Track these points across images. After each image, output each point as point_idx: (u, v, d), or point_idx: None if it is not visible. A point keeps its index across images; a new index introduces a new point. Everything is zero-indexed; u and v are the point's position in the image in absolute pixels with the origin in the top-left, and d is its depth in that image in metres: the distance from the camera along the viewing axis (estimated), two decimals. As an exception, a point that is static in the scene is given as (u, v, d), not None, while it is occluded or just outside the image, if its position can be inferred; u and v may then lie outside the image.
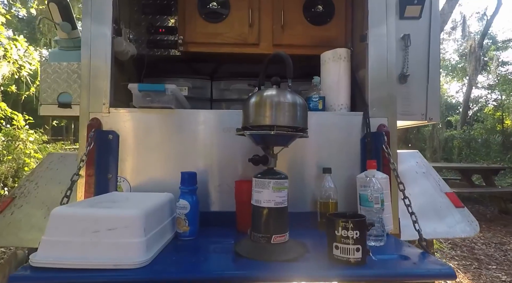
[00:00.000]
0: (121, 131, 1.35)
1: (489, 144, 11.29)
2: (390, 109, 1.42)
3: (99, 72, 1.35)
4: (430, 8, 1.71)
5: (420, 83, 1.70)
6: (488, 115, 12.90)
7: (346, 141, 1.40)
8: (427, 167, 1.92)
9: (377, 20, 1.44)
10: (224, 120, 1.37)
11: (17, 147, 4.34)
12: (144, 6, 1.87)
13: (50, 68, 1.36)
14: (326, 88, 1.55)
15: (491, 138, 11.42)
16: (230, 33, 1.80)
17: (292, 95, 0.99)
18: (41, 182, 1.68)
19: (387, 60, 1.44)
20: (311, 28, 1.83)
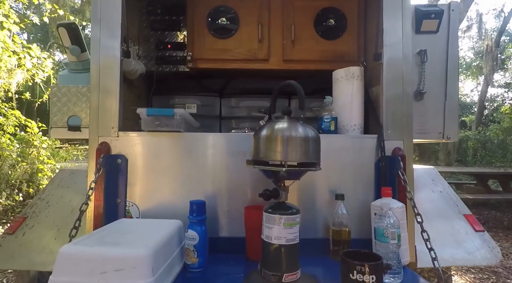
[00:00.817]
0: (129, 155, 1.34)
1: (505, 145, 10.92)
2: (406, 131, 1.36)
3: (108, 96, 1.34)
4: (448, 21, 1.64)
5: (437, 100, 1.64)
6: (505, 115, 12.46)
7: (360, 165, 1.35)
8: (444, 185, 1.85)
9: (393, 38, 1.38)
10: (233, 143, 1.34)
11: (31, 154, 4.43)
12: (153, 22, 1.86)
13: (60, 91, 1.36)
14: (338, 107, 1.50)
15: (508, 139, 11.04)
16: (240, 49, 1.77)
17: (304, 128, 0.95)
18: (52, 201, 1.69)
19: (403, 80, 1.38)
20: (322, 42, 1.78)
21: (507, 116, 12.33)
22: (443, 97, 1.63)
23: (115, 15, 1.34)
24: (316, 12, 1.77)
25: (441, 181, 1.87)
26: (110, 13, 1.34)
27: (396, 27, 1.39)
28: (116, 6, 1.34)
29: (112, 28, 1.35)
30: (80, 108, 1.38)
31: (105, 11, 1.34)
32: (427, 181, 1.85)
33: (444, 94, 1.63)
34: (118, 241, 0.96)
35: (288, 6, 1.78)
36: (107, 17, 1.34)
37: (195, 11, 1.78)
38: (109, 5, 1.34)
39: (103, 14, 1.35)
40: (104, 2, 1.35)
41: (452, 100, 1.63)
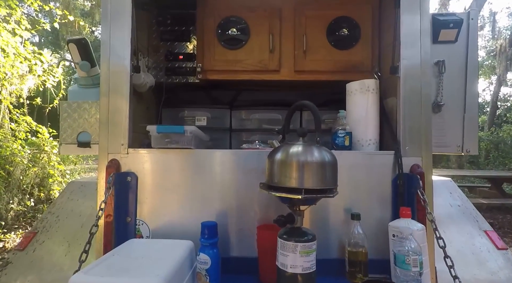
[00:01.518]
0: (139, 173, 1.31)
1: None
2: (425, 147, 1.30)
3: (118, 113, 1.32)
4: (467, 30, 1.57)
5: (456, 112, 1.57)
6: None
7: (376, 183, 1.30)
8: (462, 199, 1.78)
9: (411, 50, 1.33)
10: (244, 160, 1.31)
11: (42, 159, 4.47)
12: (163, 33, 1.84)
13: (70, 107, 1.35)
14: (353, 121, 1.45)
15: None
16: (250, 59, 1.74)
17: (320, 152, 0.90)
18: (62, 215, 1.68)
19: (421, 94, 1.32)
20: (335, 52, 1.73)
21: (522, 117, 11.98)
22: (462, 109, 1.57)
23: (125, 31, 1.32)
24: (328, 22, 1.73)
25: (459, 194, 1.81)
26: (120, 30, 1.32)
27: (414, 39, 1.33)
28: (126, 23, 1.32)
29: (122, 44, 1.33)
30: (90, 124, 1.36)
31: (115, 27, 1.32)
32: (444, 194, 1.79)
33: (463, 106, 1.57)
34: (128, 268, 0.93)
35: (300, 16, 1.73)
36: (117, 34, 1.33)
37: (205, 22, 1.75)
38: (119, 22, 1.32)
39: (113, 31, 1.33)
40: (114, 19, 1.33)
41: (472, 112, 1.56)
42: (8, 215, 4.22)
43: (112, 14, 1.34)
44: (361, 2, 1.73)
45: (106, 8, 1.33)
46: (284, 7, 1.75)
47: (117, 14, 1.34)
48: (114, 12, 1.34)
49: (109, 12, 1.33)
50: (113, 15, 1.34)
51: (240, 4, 1.75)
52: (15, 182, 4.31)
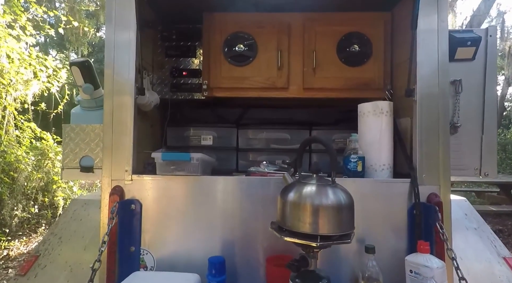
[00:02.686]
0: (144, 200, 1.27)
1: None
2: (443, 175, 1.24)
3: (122, 138, 1.27)
4: (485, 48, 1.50)
5: (474, 134, 1.50)
6: None
7: (391, 212, 1.24)
8: (479, 221, 1.71)
9: (427, 74, 1.27)
10: (252, 187, 1.26)
11: (46, 165, 4.46)
12: (168, 48, 1.79)
13: (73, 131, 1.31)
14: (366, 144, 1.39)
15: None
16: (258, 77, 1.68)
17: (335, 193, 0.85)
18: (65, 236, 1.65)
19: (439, 118, 1.26)
20: (345, 69, 1.67)
21: (530, 118, 11.76)
22: (480, 131, 1.50)
23: (130, 54, 1.28)
24: (339, 38, 1.66)
25: (475, 216, 1.74)
26: (124, 52, 1.28)
27: (432, 61, 1.27)
28: (130, 46, 1.28)
29: (126, 67, 1.29)
30: (93, 148, 1.32)
31: (119, 49, 1.28)
32: (459, 216, 1.72)
33: (481, 127, 1.50)
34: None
35: (309, 32, 1.67)
36: (121, 56, 1.28)
37: (211, 38, 1.70)
38: (123, 44, 1.28)
39: (116, 53, 1.29)
40: (118, 40, 1.29)
41: (490, 134, 1.49)
42: (13, 222, 4.22)
43: (116, 36, 1.29)
44: (372, 18, 1.67)
45: (110, 30, 1.29)
46: (292, 23, 1.69)
47: (121, 35, 1.29)
48: (118, 33, 1.29)
49: (113, 34, 1.29)
50: (117, 36, 1.29)
51: (248, 20, 1.69)
52: (19, 188, 4.30)
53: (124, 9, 1.29)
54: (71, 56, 14.36)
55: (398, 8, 1.64)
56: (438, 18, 1.29)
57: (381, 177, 1.34)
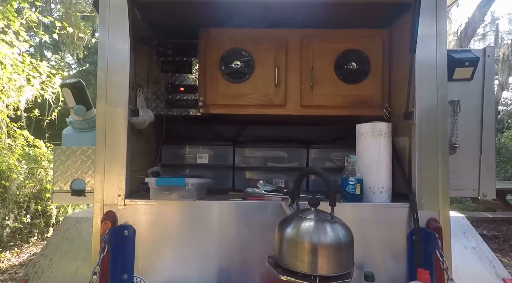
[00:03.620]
0: (137, 225, 1.23)
1: None
2: (443, 200, 1.22)
3: (114, 161, 1.24)
4: (483, 68, 1.50)
5: (472, 154, 1.49)
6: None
7: (390, 238, 1.22)
8: (477, 240, 1.69)
9: (426, 97, 1.25)
10: (249, 211, 1.23)
11: (39, 174, 4.39)
12: (163, 64, 1.76)
13: (64, 154, 1.27)
14: (364, 166, 1.37)
15: None
16: (255, 94, 1.66)
17: (334, 230, 0.83)
18: (56, 258, 1.60)
19: (438, 143, 1.25)
20: (343, 87, 1.65)
21: (522, 121, 11.85)
22: (478, 151, 1.49)
23: (123, 75, 1.25)
24: (336, 55, 1.65)
25: (474, 234, 1.72)
26: (118, 73, 1.25)
27: (430, 83, 1.26)
28: (124, 66, 1.24)
29: (120, 88, 1.25)
30: (85, 170, 1.28)
31: (112, 70, 1.25)
32: (457, 235, 1.70)
33: (479, 147, 1.49)
34: None
35: (306, 49, 1.65)
36: (115, 78, 1.25)
37: (208, 54, 1.67)
38: (117, 65, 1.25)
39: (110, 73, 1.25)
40: (112, 61, 1.25)
41: (488, 154, 1.48)
42: (4, 232, 4.13)
43: (109, 57, 1.26)
44: (370, 35, 1.66)
45: (103, 51, 1.25)
46: (290, 39, 1.67)
47: (114, 56, 1.26)
48: (111, 54, 1.26)
49: (107, 54, 1.26)
50: (111, 57, 1.26)
51: (245, 36, 1.67)
52: (11, 197, 4.22)
53: (117, 29, 1.26)
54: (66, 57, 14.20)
55: (396, 26, 1.63)
56: (437, 40, 1.28)
57: (380, 199, 1.32)
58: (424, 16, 1.24)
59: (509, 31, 14.42)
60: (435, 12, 1.29)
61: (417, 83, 1.26)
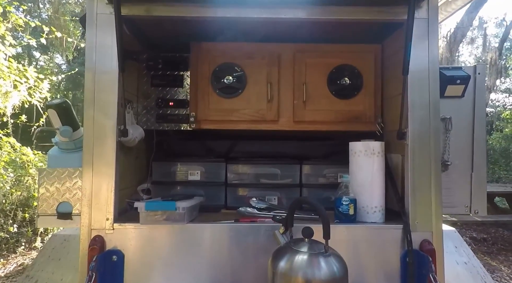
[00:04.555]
0: (126, 250, 1.20)
1: (508, 154, 10.75)
2: (436, 221, 1.22)
3: (103, 184, 1.20)
4: (474, 85, 1.51)
5: (463, 171, 1.50)
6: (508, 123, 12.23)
7: (383, 259, 1.21)
8: (468, 254, 1.71)
9: (419, 117, 1.25)
10: (241, 235, 1.20)
11: (26, 182, 4.28)
12: (153, 78, 1.72)
13: (49, 176, 1.23)
14: (357, 185, 1.36)
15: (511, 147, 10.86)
16: (247, 109, 1.63)
17: (328, 264, 0.81)
18: (41, 280, 1.55)
19: (431, 163, 1.25)
20: (336, 102, 1.64)
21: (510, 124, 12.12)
22: (470, 168, 1.50)
23: (111, 94, 1.21)
24: (329, 70, 1.64)
25: (465, 249, 1.74)
26: (106, 92, 1.21)
27: (423, 102, 1.26)
28: (112, 86, 1.21)
29: (108, 107, 1.22)
30: (72, 193, 1.24)
31: (100, 90, 1.21)
32: (449, 249, 1.71)
33: (471, 164, 1.49)
34: None
35: (299, 64, 1.64)
36: (103, 97, 1.21)
37: (199, 69, 1.65)
38: (106, 84, 1.21)
39: (97, 92, 1.22)
40: (99, 79, 1.22)
41: (480, 171, 1.49)
42: (-11, 242, 4.01)
43: (97, 77, 1.22)
44: (363, 50, 1.66)
45: (90, 70, 1.22)
46: (283, 54, 1.65)
47: (102, 76, 1.23)
48: (99, 74, 1.23)
49: (94, 75, 1.22)
50: (98, 77, 1.22)
51: (237, 50, 1.65)
52: (-3, 205, 4.10)
53: (105, 48, 1.22)
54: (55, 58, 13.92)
55: (388, 41, 1.63)
56: (429, 58, 1.28)
57: (373, 219, 1.32)
58: (416, 35, 1.24)
59: (496, 34, 14.75)
60: (427, 31, 1.29)
61: (410, 104, 1.26)
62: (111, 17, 1.19)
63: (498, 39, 13.08)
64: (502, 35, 12.35)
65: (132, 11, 1.22)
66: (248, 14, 1.25)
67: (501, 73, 9.86)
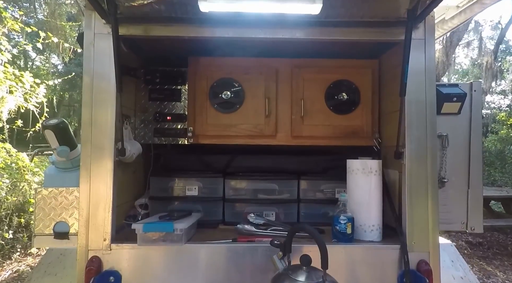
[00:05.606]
0: (123, 271, 1.19)
1: (504, 156, 10.81)
2: (433, 241, 1.23)
3: (100, 204, 1.20)
4: (470, 102, 1.52)
5: (460, 188, 1.51)
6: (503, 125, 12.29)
7: (380, 280, 1.22)
8: (465, 269, 1.72)
9: (416, 137, 1.26)
10: (240, 256, 1.20)
11: (22, 188, 4.24)
12: (151, 92, 1.71)
13: (46, 195, 1.22)
14: (355, 203, 1.36)
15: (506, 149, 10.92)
16: (245, 124, 1.64)
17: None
18: (38, 297, 1.53)
19: (428, 184, 1.25)
20: (334, 117, 1.65)
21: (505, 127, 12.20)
22: (466, 184, 1.51)
23: (109, 115, 1.21)
24: (327, 85, 1.65)
25: (461, 263, 1.75)
26: (103, 113, 1.21)
27: (420, 122, 1.27)
28: (109, 106, 1.21)
29: (105, 128, 1.21)
30: (69, 212, 1.23)
31: (97, 108, 1.21)
32: (446, 263, 1.72)
33: (467, 181, 1.50)
34: None
35: (297, 79, 1.65)
36: (100, 117, 1.21)
37: (197, 84, 1.64)
38: (103, 104, 1.21)
39: (95, 113, 1.21)
40: (97, 98, 1.21)
41: (476, 188, 1.50)
42: (-16, 249, 3.97)
43: (95, 96, 1.22)
44: (360, 65, 1.66)
45: (88, 89, 1.21)
46: (280, 69, 1.66)
47: (100, 95, 1.22)
48: (96, 93, 1.22)
49: (92, 94, 1.21)
50: (96, 96, 1.22)
51: (234, 65, 1.65)
52: (-8, 212, 4.06)
53: (103, 68, 1.22)
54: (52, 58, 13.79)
55: (386, 56, 1.64)
56: (426, 79, 1.29)
57: (371, 237, 1.32)
58: (413, 55, 1.24)
59: (491, 36, 14.88)
60: (424, 51, 1.30)
61: (407, 124, 1.27)
62: (109, 37, 1.19)
63: (493, 41, 13.20)
64: (498, 37, 12.45)
65: (130, 31, 1.22)
66: (246, 34, 1.25)
67: (496, 76, 9.93)
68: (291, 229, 0.96)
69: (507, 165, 10.34)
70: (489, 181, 9.82)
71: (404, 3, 1.13)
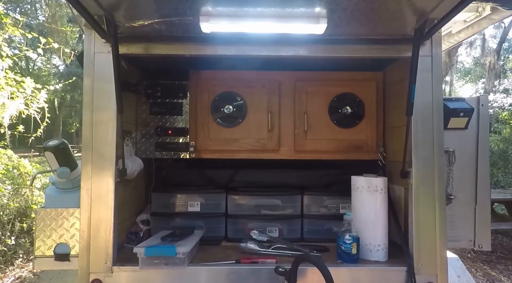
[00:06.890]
0: (125, 294, 1.17)
1: (507, 156, 10.71)
2: (441, 264, 1.20)
3: (101, 227, 1.18)
4: (477, 116, 1.49)
5: (467, 204, 1.48)
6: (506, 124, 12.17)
7: (387, 302, 1.19)
8: None
9: (423, 156, 1.23)
10: (243, 277, 1.18)
11: (24, 194, 4.24)
12: (152, 106, 1.69)
13: (47, 216, 1.20)
14: (360, 222, 1.34)
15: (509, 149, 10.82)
16: (247, 138, 1.61)
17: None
18: (39, 316, 1.51)
19: (435, 203, 1.23)
20: (337, 131, 1.62)
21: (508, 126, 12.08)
22: (473, 201, 1.48)
23: (109, 134, 1.19)
24: (330, 99, 1.62)
25: (468, 278, 1.72)
26: (104, 130, 1.19)
27: (426, 140, 1.24)
28: (110, 126, 1.19)
29: (105, 148, 1.19)
30: (70, 234, 1.22)
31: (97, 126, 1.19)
32: (452, 279, 1.68)
33: (475, 198, 1.48)
34: None
35: (300, 93, 1.62)
36: (101, 137, 1.19)
37: (198, 98, 1.62)
38: (103, 124, 1.19)
39: (95, 132, 1.19)
40: (97, 118, 1.20)
41: (483, 204, 1.47)
42: (-13, 255, 3.97)
43: (95, 116, 1.20)
44: (365, 78, 1.64)
45: (88, 109, 1.19)
46: (283, 83, 1.63)
47: (100, 115, 1.20)
48: (97, 113, 1.20)
49: (92, 114, 1.20)
50: (97, 116, 1.20)
51: (236, 78, 1.63)
52: (-6, 218, 4.05)
53: (103, 89, 1.20)
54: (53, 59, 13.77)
55: (391, 69, 1.61)
56: (433, 96, 1.26)
57: (377, 257, 1.30)
58: (420, 72, 1.21)
59: (494, 35, 14.79)
60: (431, 67, 1.27)
61: (414, 142, 1.24)
62: (109, 55, 1.17)
63: (496, 40, 13.11)
64: (500, 36, 12.36)
65: (130, 49, 1.20)
66: (248, 52, 1.23)
67: (499, 75, 9.85)
68: (295, 260, 0.94)
69: (510, 166, 10.25)
70: (492, 182, 9.73)
71: (410, 21, 1.10)
